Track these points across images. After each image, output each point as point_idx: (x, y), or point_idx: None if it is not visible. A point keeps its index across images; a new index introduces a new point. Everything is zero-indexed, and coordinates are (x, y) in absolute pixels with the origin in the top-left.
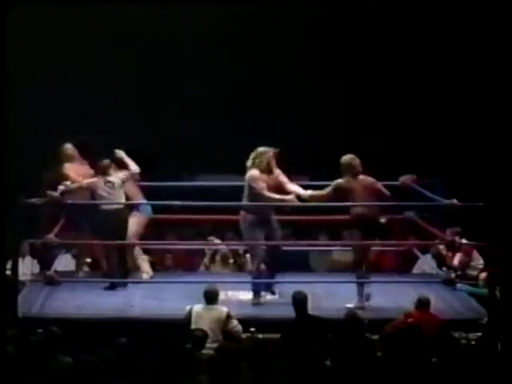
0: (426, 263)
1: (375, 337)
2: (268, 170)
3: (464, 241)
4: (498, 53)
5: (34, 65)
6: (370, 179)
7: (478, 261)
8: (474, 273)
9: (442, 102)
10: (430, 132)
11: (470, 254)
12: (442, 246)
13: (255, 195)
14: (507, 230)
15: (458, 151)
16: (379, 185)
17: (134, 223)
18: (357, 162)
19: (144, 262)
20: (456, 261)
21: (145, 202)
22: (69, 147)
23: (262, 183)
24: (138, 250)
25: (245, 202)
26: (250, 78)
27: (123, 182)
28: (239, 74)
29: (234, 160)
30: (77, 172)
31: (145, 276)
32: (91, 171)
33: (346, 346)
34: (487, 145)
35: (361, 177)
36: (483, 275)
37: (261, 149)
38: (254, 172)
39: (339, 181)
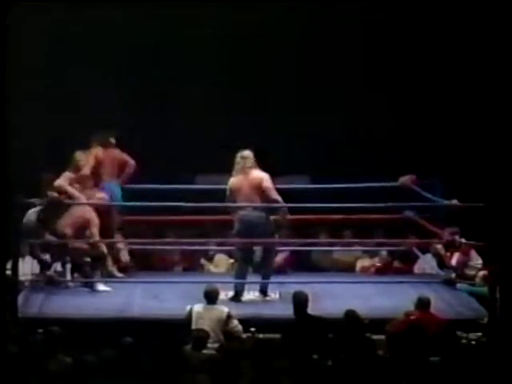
0: (426, 263)
1: (375, 337)
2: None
3: (463, 240)
4: (498, 53)
5: (35, 64)
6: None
7: (477, 260)
8: (473, 272)
9: (442, 102)
10: (430, 132)
11: (468, 253)
12: (439, 246)
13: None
14: (507, 230)
15: (458, 151)
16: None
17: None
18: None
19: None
20: (454, 261)
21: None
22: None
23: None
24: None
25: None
26: (250, 77)
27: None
28: (239, 73)
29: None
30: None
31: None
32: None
33: (345, 346)
34: (487, 145)
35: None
36: (481, 274)
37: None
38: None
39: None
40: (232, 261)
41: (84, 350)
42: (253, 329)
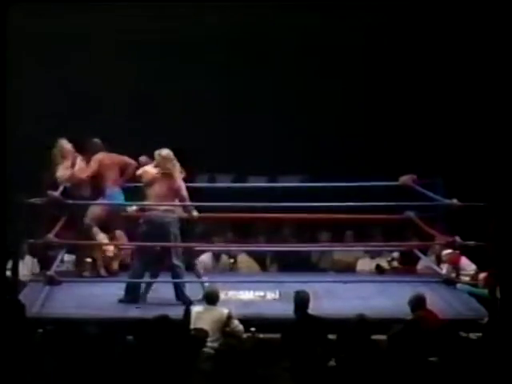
0: (427, 263)
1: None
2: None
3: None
4: (498, 53)
5: (35, 64)
6: None
7: (469, 267)
8: (466, 279)
9: (443, 101)
10: (431, 132)
11: (457, 262)
12: (438, 248)
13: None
14: (507, 230)
15: (458, 151)
16: None
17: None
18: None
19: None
20: (444, 271)
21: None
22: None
23: None
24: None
25: None
26: (250, 77)
27: None
28: (239, 73)
29: (234, 159)
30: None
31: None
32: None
33: (350, 347)
34: (488, 145)
35: None
36: (482, 276)
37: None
38: None
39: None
40: (232, 260)
41: (84, 349)
42: (253, 329)
